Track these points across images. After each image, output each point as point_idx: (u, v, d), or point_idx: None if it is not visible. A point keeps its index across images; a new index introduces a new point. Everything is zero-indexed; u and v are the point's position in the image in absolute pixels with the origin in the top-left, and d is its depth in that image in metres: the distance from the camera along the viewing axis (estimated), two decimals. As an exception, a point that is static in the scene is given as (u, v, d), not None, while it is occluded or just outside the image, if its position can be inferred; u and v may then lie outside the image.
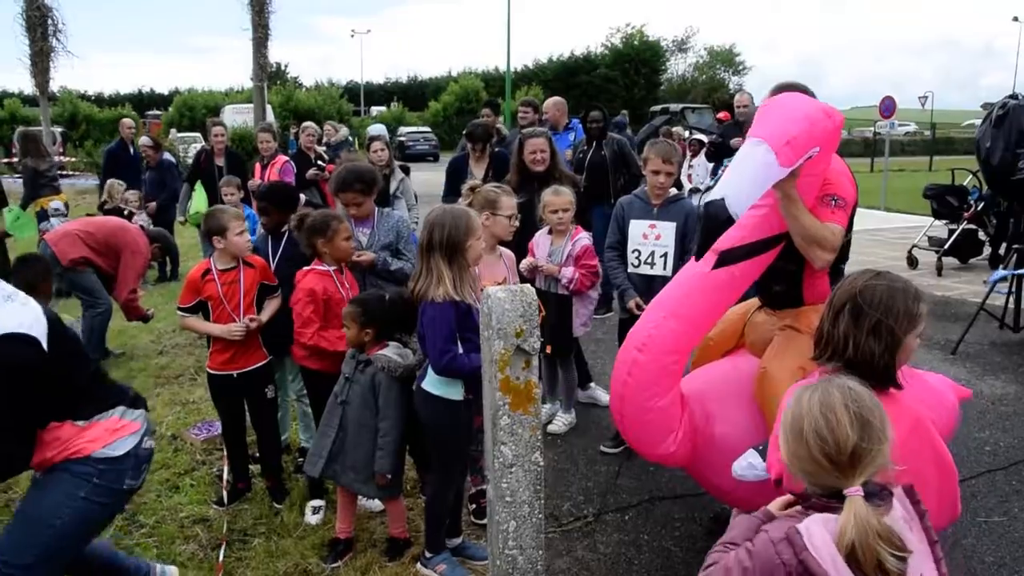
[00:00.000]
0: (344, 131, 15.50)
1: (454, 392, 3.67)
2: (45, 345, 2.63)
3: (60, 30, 26.60)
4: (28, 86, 27.98)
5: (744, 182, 3.28)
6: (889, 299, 2.25)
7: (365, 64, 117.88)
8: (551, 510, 4.56)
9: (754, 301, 4.02)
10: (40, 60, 26.13)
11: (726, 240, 3.46)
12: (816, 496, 1.88)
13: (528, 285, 2.84)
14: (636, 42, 60.09)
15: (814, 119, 3.24)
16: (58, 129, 33.89)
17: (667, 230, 5.15)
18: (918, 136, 47.71)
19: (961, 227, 11.18)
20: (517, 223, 4.69)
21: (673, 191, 5.33)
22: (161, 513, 4.58)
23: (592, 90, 53.15)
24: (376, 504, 4.48)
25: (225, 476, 4.76)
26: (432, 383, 3.70)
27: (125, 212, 10.22)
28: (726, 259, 3.43)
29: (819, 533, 1.79)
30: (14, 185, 21.98)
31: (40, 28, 26.07)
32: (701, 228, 3.45)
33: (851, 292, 2.24)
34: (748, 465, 3.35)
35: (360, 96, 62.20)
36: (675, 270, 4.99)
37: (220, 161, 9.71)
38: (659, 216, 5.18)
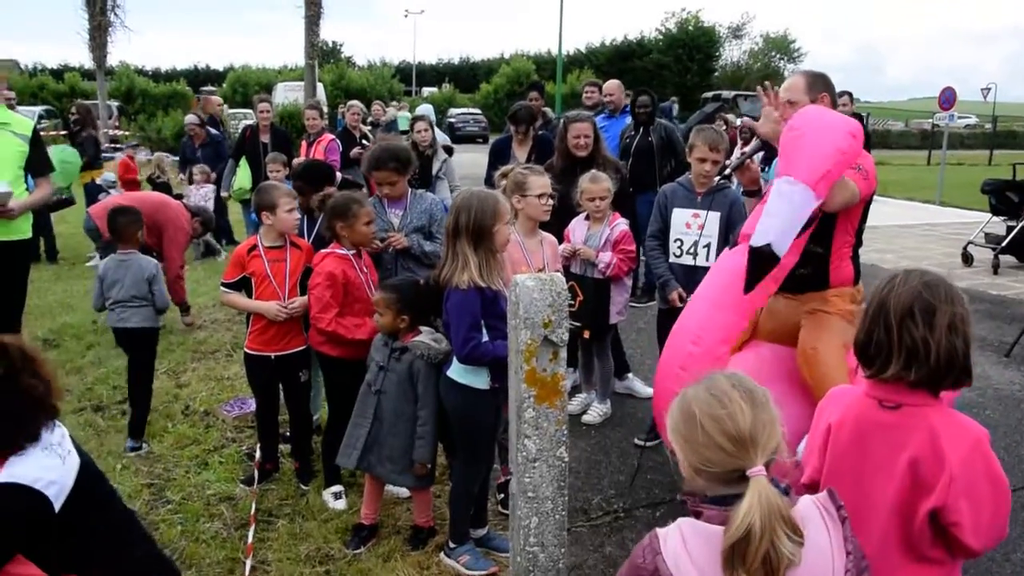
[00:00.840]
0: (392, 112, 15.44)
1: (480, 381, 3.58)
2: (57, 505, 2.33)
3: (118, 5, 27.07)
4: (87, 60, 28.43)
5: (786, 224, 3.26)
6: (950, 290, 2.11)
7: (418, 45, 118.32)
8: (580, 503, 4.46)
9: None
10: (98, 35, 26.61)
11: (751, 227, 3.50)
12: (701, 498, 1.82)
13: (558, 274, 2.73)
14: (691, 27, 59.22)
15: (843, 149, 3.25)
16: (115, 103, 34.42)
17: (711, 220, 5.00)
18: (978, 129, 46.41)
19: (1021, 224, 10.79)
20: (552, 202, 4.56)
21: (717, 179, 5.16)
22: (188, 489, 4.57)
23: (644, 75, 52.53)
24: (402, 490, 4.41)
25: (257, 456, 4.73)
26: (457, 371, 3.61)
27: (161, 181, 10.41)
28: (746, 287, 3.48)
29: (675, 537, 1.77)
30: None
31: (99, 3, 26.51)
32: (751, 268, 3.40)
33: (914, 293, 2.07)
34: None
35: (412, 76, 62.27)
36: (718, 261, 4.87)
37: (265, 138, 9.69)
38: (703, 205, 5.02)
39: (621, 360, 6.08)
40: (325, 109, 16.51)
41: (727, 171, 4.41)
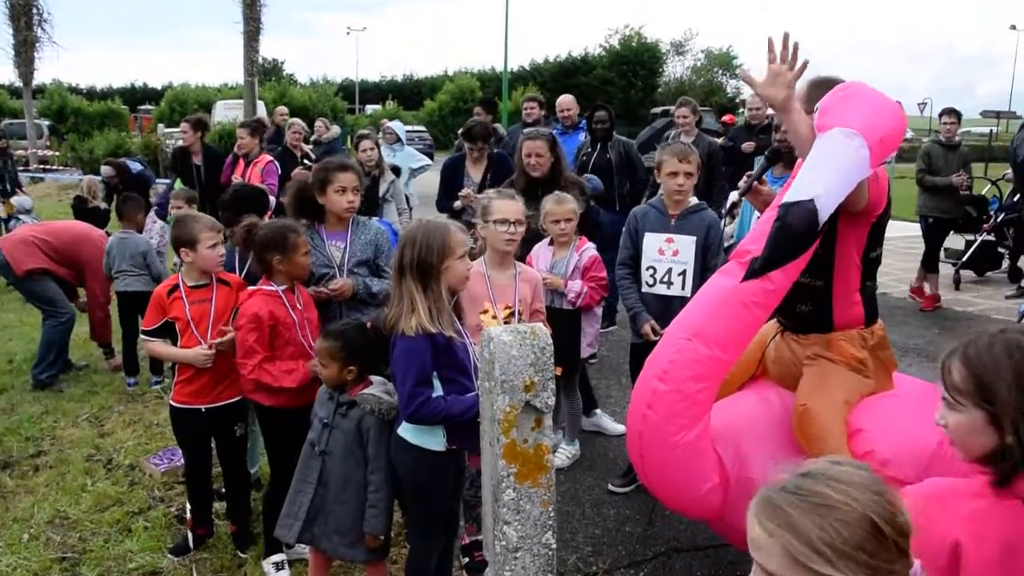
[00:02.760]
0: (336, 129, 14.89)
1: (434, 442, 3.06)
2: None
3: (46, 20, 25.96)
4: (15, 77, 27.21)
5: (840, 179, 2.70)
6: None
7: (360, 62, 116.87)
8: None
9: (772, 325, 3.51)
10: (24, 50, 25.45)
11: (757, 244, 2.92)
12: None
13: (540, 325, 2.25)
14: (634, 43, 59.56)
15: (898, 118, 2.74)
16: (45, 122, 33.19)
17: (686, 244, 4.57)
18: (916, 143, 47.17)
19: (980, 239, 10.64)
20: (518, 228, 4.02)
21: (693, 200, 4.75)
22: (107, 564, 4.00)
23: (589, 91, 52.49)
24: None
25: (187, 516, 4.16)
26: (408, 430, 3.09)
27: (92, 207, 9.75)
28: (757, 268, 2.89)
29: None
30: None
31: (24, 17, 25.41)
32: (775, 240, 2.82)
33: None
34: None
35: (355, 94, 61.55)
36: (694, 290, 4.43)
37: (198, 160, 9.03)
38: (677, 229, 4.59)
39: (588, 396, 5.63)
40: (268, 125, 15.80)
41: (736, 197, 3.98)
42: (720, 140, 11.31)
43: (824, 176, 2.71)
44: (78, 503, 4.60)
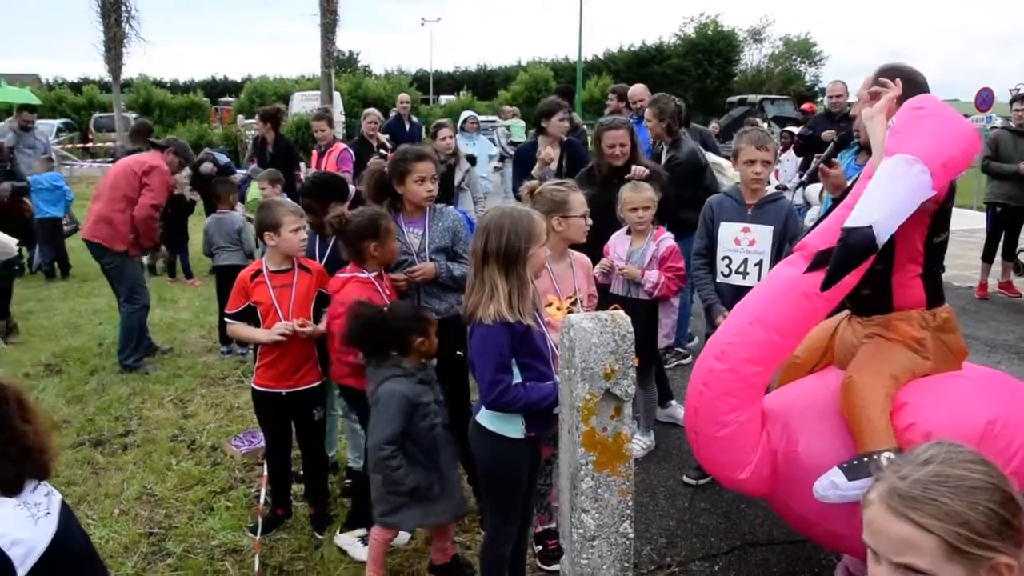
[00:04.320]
0: (412, 119, 15.04)
1: (512, 429, 3.05)
2: (21, 571, 2.04)
3: (133, 16, 26.74)
4: (105, 73, 28.15)
5: (897, 206, 2.77)
6: None
7: (435, 53, 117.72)
8: (629, 556, 3.96)
9: (845, 314, 3.55)
10: (113, 46, 26.25)
11: (821, 239, 3.04)
12: None
13: (622, 313, 2.24)
14: (710, 32, 58.60)
15: (967, 139, 2.84)
16: (132, 116, 34.29)
17: (762, 234, 4.48)
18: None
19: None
20: (590, 221, 4.04)
21: (771, 189, 4.65)
22: (191, 540, 4.12)
23: (664, 80, 51.90)
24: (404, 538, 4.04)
25: (262, 499, 4.25)
26: (487, 417, 3.09)
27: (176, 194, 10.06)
28: (822, 260, 2.97)
29: None
30: (89, 170, 22.30)
31: (114, 15, 26.21)
32: (838, 259, 2.87)
33: None
34: (830, 484, 2.96)
35: (429, 84, 61.98)
36: (773, 281, 4.36)
37: (271, 150, 9.26)
38: (754, 218, 4.50)
39: (663, 387, 5.58)
40: (342, 118, 16.06)
41: (803, 178, 3.93)
42: (800, 128, 11.10)
43: (883, 202, 2.79)
44: (164, 481, 4.75)
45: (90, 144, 30.20)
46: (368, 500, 3.91)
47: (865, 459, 2.91)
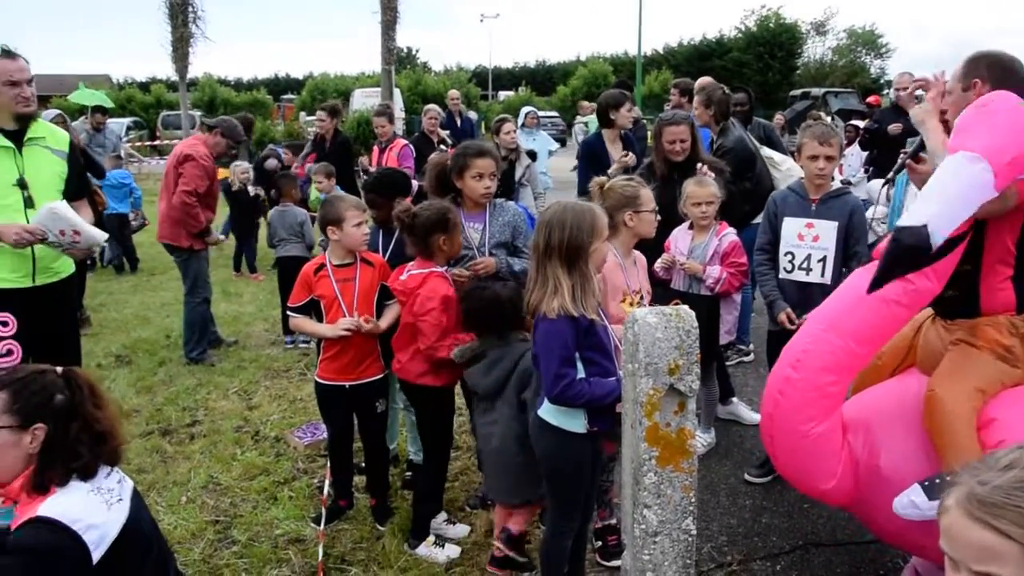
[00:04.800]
0: (472, 115, 15.12)
1: (574, 424, 3.04)
2: (96, 554, 2.12)
3: (199, 17, 27.37)
4: (173, 72, 28.89)
5: (953, 206, 2.65)
6: None
7: (494, 49, 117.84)
8: (689, 554, 3.93)
9: (929, 312, 3.39)
10: (180, 46, 26.94)
11: None
12: None
13: (686, 308, 2.22)
14: (772, 24, 57.65)
15: None
16: (197, 113, 35.05)
17: (826, 230, 4.39)
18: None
19: None
20: (659, 216, 4.03)
21: (836, 184, 4.56)
22: (255, 529, 4.19)
23: (724, 74, 51.13)
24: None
25: (326, 491, 4.32)
26: (549, 411, 3.09)
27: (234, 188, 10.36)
28: (871, 283, 2.85)
29: None
30: (156, 167, 22.80)
31: (181, 16, 26.86)
32: (888, 258, 2.77)
33: None
34: (910, 503, 2.85)
35: (488, 80, 62.17)
36: (835, 277, 4.30)
37: (328, 146, 9.40)
38: (818, 213, 4.41)
39: (725, 384, 5.52)
40: (401, 114, 16.17)
41: (892, 175, 3.84)
42: (865, 122, 10.86)
43: (940, 201, 2.67)
44: (229, 470, 4.85)
45: (158, 142, 30.93)
46: (429, 500, 3.97)
47: (948, 478, 2.79)
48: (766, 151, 6.40)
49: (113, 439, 2.34)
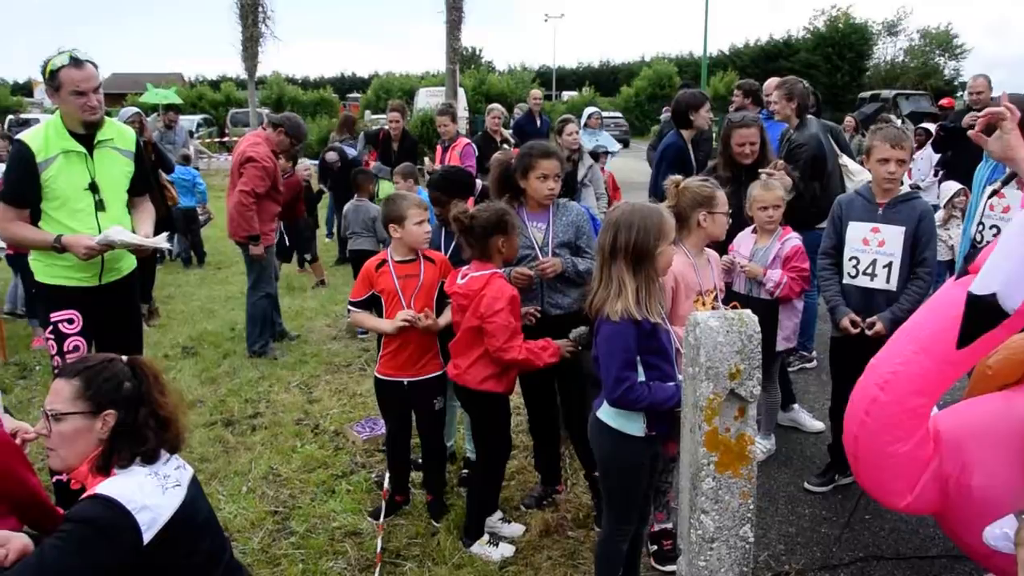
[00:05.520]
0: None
1: (633, 426, 3.03)
2: (147, 535, 2.18)
3: (269, 17, 27.93)
4: (242, 71, 29.55)
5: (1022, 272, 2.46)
6: None
7: (558, 49, 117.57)
8: (746, 561, 3.87)
9: None
10: (250, 45, 27.55)
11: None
12: None
13: (749, 312, 2.18)
14: (841, 25, 56.51)
15: None
16: (265, 111, 35.71)
17: (893, 235, 4.26)
18: None
19: None
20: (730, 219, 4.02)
21: (905, 188, 4.45)
22: (313, 520, 4.25)
23: (789, 76, 50.53)
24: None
25: (385, 484, 4.36)
26: (608, 413, 3.08)
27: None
28: (957, 344, 2.67)
29: None
30: (224, 164, 23.28)
31: (251, 16, 27.45)
32: (968, 320, 2.60)
33: None
34: (1002, 535, 2.69)
35: (552, 80, 62.15)
36: (900, 283, 4.20)
37: (396, 145, 9.54)
38: (885, 218, 4.28)
39: (787, 390, 5.43)
40: (465, 114, 16.26)
41: (999, 186, 3.71)
42: (937, 124, 10.58)
43: (1007, 267, 2.46)
44: (289, 462, 4.93)
45: (226, 138, 31.61)
46: (485, 501, 3.99)
47: None
48: (843, 159, 6.27)
49: (175, 425, 2.42)
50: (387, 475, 4.33)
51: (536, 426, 4.46)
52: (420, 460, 4.52)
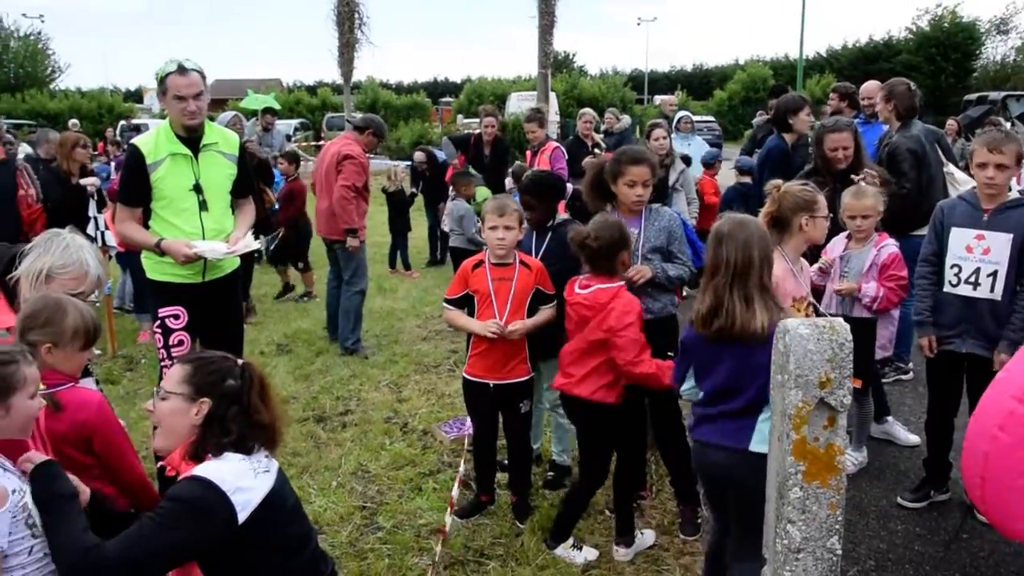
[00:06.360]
0: (626, 120, 15.04)
1: None
2: (241, 516, 2.30)
3: (365, 23, 28.51)
4: (338, 76, 30.21)
5: None
6: None
7: (650, 52, 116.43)
8: (835, 575, 3.79)
9: None
10: (346, 51, 28.16)
11: None
12: None
13: (840, 320, 2.15)
14: (946, 24, 54.40)
15: None
16: (358, 115, 36.44)
17: (999, 243, 4.09)
18: None
19: None
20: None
21: (1014, 194, 4.28)
22: (399, 517, 4.35)
23: (892, 78, 48.92)
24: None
25: (455, 483, 4.42)
26: (762, 443, 2.86)
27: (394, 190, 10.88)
28: None
29: None
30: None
31: (348, 22, 28.07)
32: None
33: None
34: None
35: (644, 84, 61.71)
36: (1007, 293, 4.04)
37: (487, 150, 9.66)
38: (990, 225, 4.12)
39: (880, 401, 5.28)
40: (556, 118, 16.29)
41: None
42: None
43: None
44: (377, 459, 5.04)
45: (322, 142, 32.38)
46: (576, 507, 3.99)
47: None
48: (949, 167, 6.06)
49: (272, 431, 2.55)
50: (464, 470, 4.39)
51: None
52: (506, 461, 4.57)
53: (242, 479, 2.35)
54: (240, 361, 2.60)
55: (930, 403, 4.48)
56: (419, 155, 11.77)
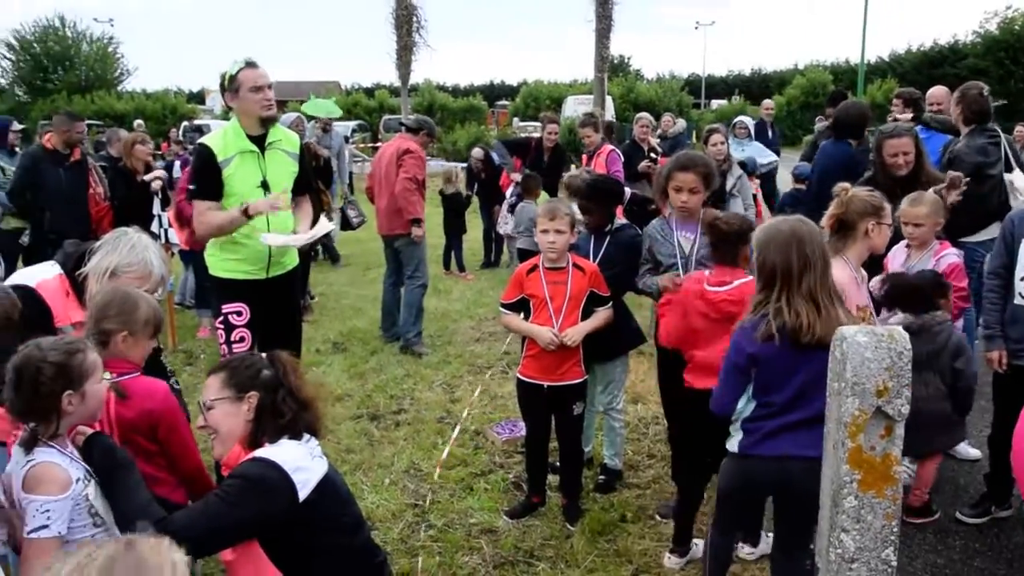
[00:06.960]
0: (681, 124, 14.96)
1: None
2: (301, 494, 2.42)
3: (422, 26, 28.76)
4: (396, 78, 30.52)
5: None
6: None
7: (708, 56, 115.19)
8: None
9: None
10: (404, 54, 28.44)
11: None
12: None
13: (899, 329, 2.12)
14: (1017, 27, 52.88)
15: None
16: (412, 118, 36.70)
17: (1073, 253, 4.01)
18: None
19: None
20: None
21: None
22: (451, 516, 4.39)
23: (957, 83, 47.28)
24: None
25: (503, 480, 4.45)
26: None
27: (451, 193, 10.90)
28: None
29: None
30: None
31: (406, 26, 28.34)
32: None
33: None
34: None
35: (701, 89, 61.22)
36: (1083, 307, 3.91)
37: (547, 156, 9.73)
38: (1063, 235, 4.03)
39: (940, 413, 5.16)
40: (612, 118, 16.19)
41: None
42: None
43: None
44: (430, 458, 5.09)
45: (379, 144, 32.74)
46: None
47: None
48: (1008, 176, 5.91)
49: (313, 409, 2.66)
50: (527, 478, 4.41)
51: (677, 437, 4.43)
52: (558, 463, 4.58)
53: (301, 460, 2.47)
54: (263, 354, 2.74)
55: (995, 417, 4.38)
56: (477, 151, 11.89)
